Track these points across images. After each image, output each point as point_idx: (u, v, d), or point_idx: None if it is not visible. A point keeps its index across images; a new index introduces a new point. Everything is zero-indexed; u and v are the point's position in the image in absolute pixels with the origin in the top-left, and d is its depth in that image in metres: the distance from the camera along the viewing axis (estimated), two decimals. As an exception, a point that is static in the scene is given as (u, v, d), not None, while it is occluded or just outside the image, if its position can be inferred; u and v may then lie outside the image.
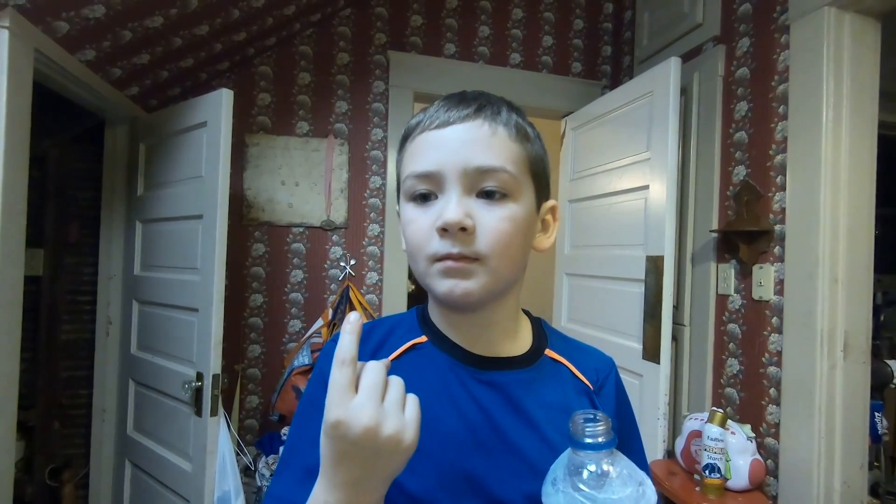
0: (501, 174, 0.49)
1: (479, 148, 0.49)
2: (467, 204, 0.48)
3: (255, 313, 2.14)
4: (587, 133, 2.24)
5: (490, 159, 0.49)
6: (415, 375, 0.51)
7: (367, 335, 0.57)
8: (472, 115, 0.50)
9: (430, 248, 0.49)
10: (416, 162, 0.51)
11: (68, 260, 2.06)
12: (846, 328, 1.39)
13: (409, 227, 0.51)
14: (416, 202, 0.51)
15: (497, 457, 0.50)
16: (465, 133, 0.49)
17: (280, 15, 1.91)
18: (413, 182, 0.51)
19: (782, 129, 1.53)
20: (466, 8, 2.36)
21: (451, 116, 0.50)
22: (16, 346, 1.29)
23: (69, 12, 1.29)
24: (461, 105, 0.51)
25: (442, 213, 0.48)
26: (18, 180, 1.26)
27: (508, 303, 0.55)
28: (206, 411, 1.54)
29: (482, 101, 0.51)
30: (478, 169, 0.48)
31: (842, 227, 1.39)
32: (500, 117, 0.51)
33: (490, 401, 0.52)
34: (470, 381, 0.53)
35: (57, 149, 1.98)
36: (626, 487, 0.39)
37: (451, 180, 0.49)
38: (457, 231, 0.47)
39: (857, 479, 1.39)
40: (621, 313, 1.89)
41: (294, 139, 2.17)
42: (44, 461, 1.95)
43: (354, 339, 0.41)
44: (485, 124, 0.50)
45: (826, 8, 1.39)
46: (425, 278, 0.51)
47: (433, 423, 0.50)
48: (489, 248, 0.48)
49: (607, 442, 0.40)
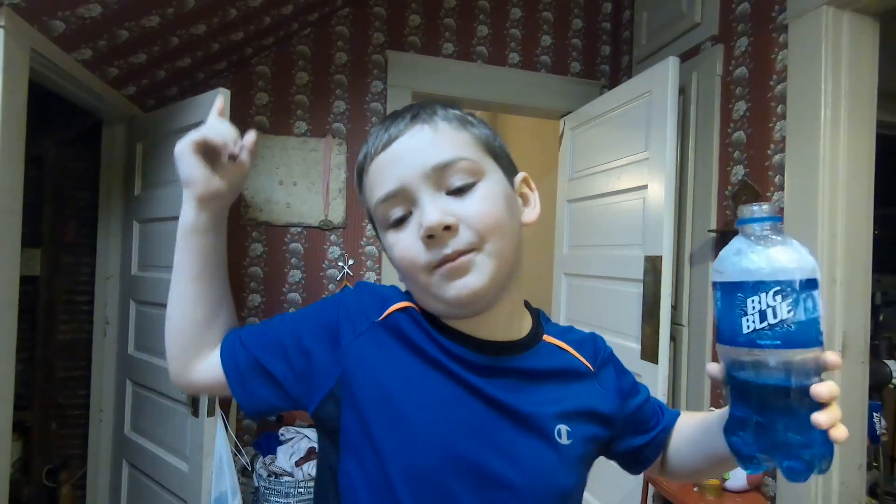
0: (460, 163, 0.49)
1: (430, 148, 0.49)
2: (441, 203, 0.48)
3: (253, 313, 2.14)
4: (586, 133, 2.24)
5: (443, 154, 0.49)
6: (399, 338, 0.52)
7: (375, 289, 0.58)
8: (409, 123, 0.50)
9: (423, 258, 0.48)
10: (377, 187, 0.51)
11: (65, 260, 2.05)
12: (844, 328, 1.38)
13: (395, 250, 0.50)
14: (394, 228, 0.50)
15: (493, 431, 0.50)
16: (410, 141, 0.50)
17: (278, 14, 1.91)
18: (383, 208, 0.50)
19: (780, 129, 1.53)
20: (465, 7, 2.35)
21: (392, 133, 0.50)
22: (12, 347, 1.28)
23: (65, 11, 1.29)
24: (397, 120, 0.51)
25: (421, 221, 0.47)
26: (14, 180, 1.25)
27: (511, 289, 0.53)
28: (202, 412, 1.53)
29: (414, 110, 0.52)
30: (435, 167, 0.48)
31: (840, 226, 1.39)
32: (436, 115, 0.51)
33: (488, 385, 0.51)
34: (469, 367, 0.52)
35: (54, 148, 1.98)
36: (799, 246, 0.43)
37: (417, 188, 0.48)
38: (442, 232, 0.46)
39: (855, 480, 1.38)
40: (619, 313, 1.89)
41: (292, 139, 2.16)
42: (41, 461, 1.95)
43: None
44: (424, 126, 0.50)
45: (824, 7, 1.39)
46: (430, 290, 0.49)
47: (421, 388, 0.50)
48: (480, 235, 0.48)
49: (775, 216, 0.44)
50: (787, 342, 0.42)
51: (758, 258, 0.43)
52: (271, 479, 1.74)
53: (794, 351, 0.42)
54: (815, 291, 0.42)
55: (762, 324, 0.42)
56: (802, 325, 0.42)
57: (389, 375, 0.51)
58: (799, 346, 0.42)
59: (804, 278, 0.42)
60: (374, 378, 0.51)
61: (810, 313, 0.42)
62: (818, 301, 0.42)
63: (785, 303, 0.42)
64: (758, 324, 0.43)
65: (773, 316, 0.42)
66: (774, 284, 0.42)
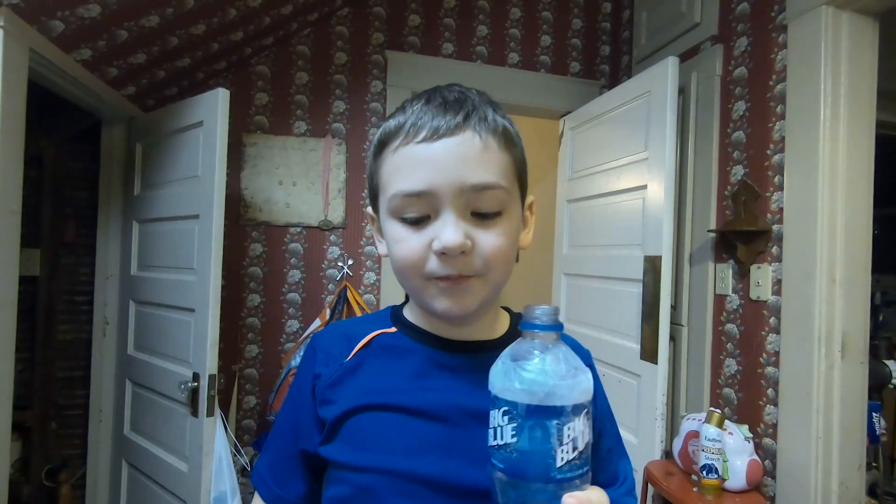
0: (497, 191, 0.48)
1: (474, 165, 0.47)
2: (464, 225, 0.47)
3: (252, 313, 2.14)
4: (585, 133, 2.24)
5: (485, 176, 0.47)
6: (383, 359, 0.54)
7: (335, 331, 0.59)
8: (461, 125, 0.47)
9: (427, 268, 0.48)
10: (405, 179, 0.48)
11: (65, 260, 2.05)
12: (844, 328, 1.38)
13: (399, 246, 0.49)
14: (406, 224, 0.49)
15: (469, 438, 0.49)
16: (458, 148, 0.47)
17: (277, 14, 1.91)
18: (402, 202, 0.48)
19: (780, 129, 1.53)
20: (464, 7, 2.35)
21: (440, 127, 0.47)
22: (11, 347, 1.28)
23: (64, 11, 1.29)
24: (448, 113, 0.48)
25: (440, 236, 0.46)
26: (14, 180, 1.25)
27: (494, 302, 0.56)
28: (202, 412, 1.53)
29: (468, 107, 0.48)
30: (474, 187, 0.47)
31: (839, 226, 1.39)
32: (487, 124, 0.48)
33: (460, 380, 0.52)
34: (432, 358, 0.54)
35: (53, 148, 1.97)
36: (558, 365, 0.38)
37: (446, 201, 0.47)
38: (457, 254, 0.47)
39: (854, 480, 1.38)
40: (619, 313, 1.89)
41: (291, 139, 2.16)
42: (40, 462, 1.94)
43: None
44: (475, 137, 0.47)
45: (824, 7, 1.39)
46: (419, 294, 0.51)
47: (402, 403, 0.51)
48: (487, 265, 0.48)
49: (551, 324, 0.40)
50: (507, 469, 0.38)
51: (502, 369, 0.40)
52: (271, 479, 1.74)
53: (512, 480, 0.38)
54: (553, 421, 0.37)
55: (493, 441, 0.39)
56: (525, 455, 0.37)
57: (371, 393, 0.52)
58: (518, 476, 0.38)
59: (532, 404, 0.37)
60: (354, 402, 0.52)
61: (538, 443, 0.37)
62: (557, 432, 0.37)
63: (510, 426, 0.38)
64: (491, 440, 0.40)
65: (500, 437, 0.39)
66: (504, 403, 0.38)
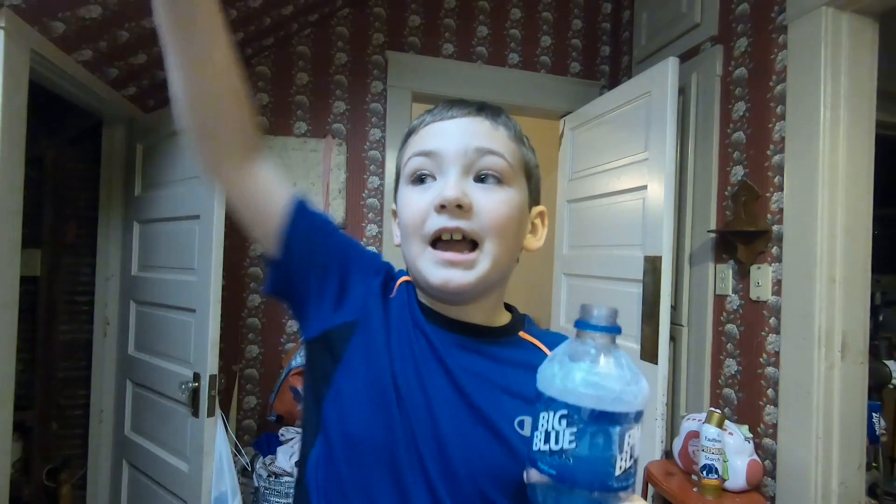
0: (499, 159, 0.52)
1: (480, 135, 0.52)
2: (465, 184, 0.51)
3: (253, 314, 2.14)
4: (585, 133, 2.24)
5: (490, 143, 0.52)
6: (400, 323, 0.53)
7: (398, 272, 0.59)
8: (474, 111, 0.53)
9: (427, 226, 0.50)
10: (417, 145, 0.54)
11: (66, 260, 2.06)
12: (844, 329, 1.38)
13: (407, 209, 0.53)
14: (415, 184, 0.53)
15: (462, 423, 0.49)
16: (468, 124, 0.53)
17: (278, 15, 1.91)
18: (413, 164, 0.53)
19: (780, 130, 1.53)
20: (465, 8, 2.35)
21: (455, 112, 0.53)
22: (12, 347, 1.29)
23: (65, 12, 1.29)
24: (464, 104, 0.54)
25: (441, 192, 0.50)
26: (15, 181, 1.25)
27: (493, 293, 0.56)
28: (202, 412, 1.53)
29: (484, 104, 0.55)
30: (478, 149, 0.51)
31: (839, 227, 1.39)
32: (500, 118, 0.54)
33: (459, 359, 0.52)
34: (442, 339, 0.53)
35: (54, 149, 1.98)
36: (621, 370, 0.38)
37: (451, 160, 0.51)
38: (454, 208, 0.49)
39: (854, 480, 1.39)
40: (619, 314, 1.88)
41: (292, 139, 2.16)
42: (41, 462, 1.95)
43: None
44: (486, 121, 0.53)
45: (823, 8, 1.39)
46: (417, 261, 0.52)
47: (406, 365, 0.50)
48: (486, 228, 0.50)
49: (611, 326, 0.40)
50: (562, 476, 0.37)
51: (560, 370, 0.39)
52: (271, 479, 1.74)
53: (563, 486, 0.37)
54: (616, 428, 0.36)
55: (545, 446, 0.38)
56: (583, 462, 0.36)
57: (387, 348, 0.51)
58: (573, 484, 0.36)
59: (598, 409, 0.36)
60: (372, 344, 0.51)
61: (599, 450, 0.36)
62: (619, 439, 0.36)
63: (569, 430, 0.37)
64: (541, 444, 0.38)
65: (556, 441, 0.37)
66: (563, 406, 0.37)
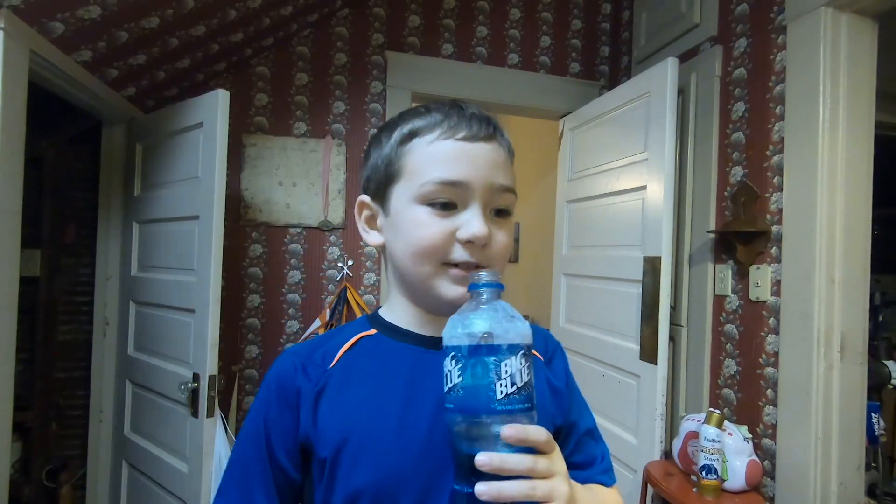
0: (511, 195, 0.56)
1: (500, 169, 0.54)
2: (487, 219, 0.53)
3: (252, 314, 2.14)
4: (585, 133, 2.24)
5: (507, 180, 0.55)
6: (366, 360, 0.55)
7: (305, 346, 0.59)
8: (492, 135, 0.55)
9: (448, 255, 0.52)
10: (445, 168, 0.52)
11: (65, 261, 2.05)
12: (843, 329, 1.38)
13: (421, 230, 0.52)
14: (435, 208, 0.52)
15: None
16: (491, 153, 0.54)
17: (277, 15, 1.91)
18: (436, 188, 0.52)
19: (779, 130, 1.53)
20: (464, 8, 2.36)
21: (478, 133, 0.53)
22: (11, 348, 1.29)
23: (64, 13, 1.29)
24: (480, 123, 0.54)
25: (468, 226, 0.51)
26: (14, 181, 1.25)
27: None
28: (202, 412, 1.54)
29: (493, 122, 0.56)
30: (500, 187, 0.54)
31: (839, 227, 1.39)
32: (506, 141, 0.57)
33: None
34: (423, 359, 0.55)
35: (53, 149, 1.98)
36: (495, 313, 0.44)
37: (477, 195, 0.52)
38: (482, 245, 0.52)
39: (853, 480, 1.39)
40: (618, 314, 1.89)
41: (291, 139, 2.16)
42: (41, 462, 1.95)
43: None
44: (500, 148, 0.55)
45: (823, 8, 1.39)
46: (428, 280, 0.53)
47: (383, 404, 0.52)
48: (497, 260, 0.54)
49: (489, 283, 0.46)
50: (458, 406, 0.42)
51: (450, 323, 0.45)
52: (271, 479, 1.74)
53: (461, 417, 0.42)
54: (491, 358, 0.42)
55: (445, 387, 0.44)
56: (469, 391, 0.42)
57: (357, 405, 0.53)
58: (465, 411, 0.42)
59: (472, 344, 0.42)
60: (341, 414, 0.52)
61: (479, 378, 0.42)
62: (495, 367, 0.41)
63: (456, 368, 0.43)
64: (444, 386, 0.44)
65: (450, 380, 0.43)
66: (452, 350, 0.43)
